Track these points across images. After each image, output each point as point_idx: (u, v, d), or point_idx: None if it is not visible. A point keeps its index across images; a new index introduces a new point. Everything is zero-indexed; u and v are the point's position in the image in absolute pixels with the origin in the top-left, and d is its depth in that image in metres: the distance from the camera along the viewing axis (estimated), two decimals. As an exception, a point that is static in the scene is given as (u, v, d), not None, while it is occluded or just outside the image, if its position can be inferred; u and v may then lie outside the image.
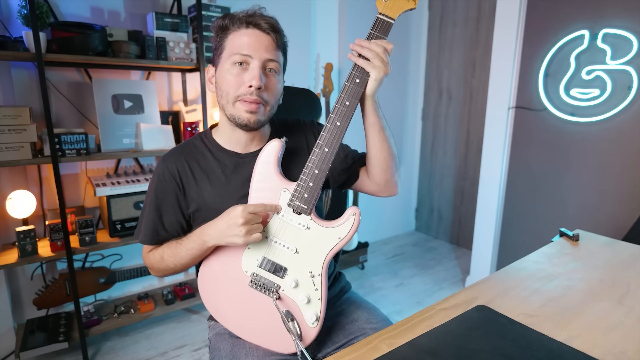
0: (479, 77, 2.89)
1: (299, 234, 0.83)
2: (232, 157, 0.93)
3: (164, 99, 2.15)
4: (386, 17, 0.81)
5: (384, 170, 0.92)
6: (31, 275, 1.89)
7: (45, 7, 1.59)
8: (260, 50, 0.84)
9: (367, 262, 2.91)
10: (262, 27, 0.84)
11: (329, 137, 0.81)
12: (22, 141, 1.56)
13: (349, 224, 0.81)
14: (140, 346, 1.93)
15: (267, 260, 0.84)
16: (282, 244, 0.83)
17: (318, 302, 0.82)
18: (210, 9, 2.00)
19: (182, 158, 0.93)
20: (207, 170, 0.92)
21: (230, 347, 0.90)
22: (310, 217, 0.82)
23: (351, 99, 0.81)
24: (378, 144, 0.88)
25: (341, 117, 0.81)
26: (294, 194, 0.82)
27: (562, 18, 2.00)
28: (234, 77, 0.85)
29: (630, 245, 1.09)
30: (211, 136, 0.97)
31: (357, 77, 0.81)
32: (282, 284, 0.83)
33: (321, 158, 0.81)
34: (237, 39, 0.85)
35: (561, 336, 0.69)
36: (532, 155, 2.21)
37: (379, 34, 0.81)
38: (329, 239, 0.82)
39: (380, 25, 0.81)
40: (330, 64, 2.60)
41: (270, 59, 0.85)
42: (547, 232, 2.18)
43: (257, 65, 0.83)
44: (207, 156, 0.94)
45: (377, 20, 0.81)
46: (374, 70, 0.80)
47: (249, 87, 0.83)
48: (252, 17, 0.85)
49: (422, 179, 3.49)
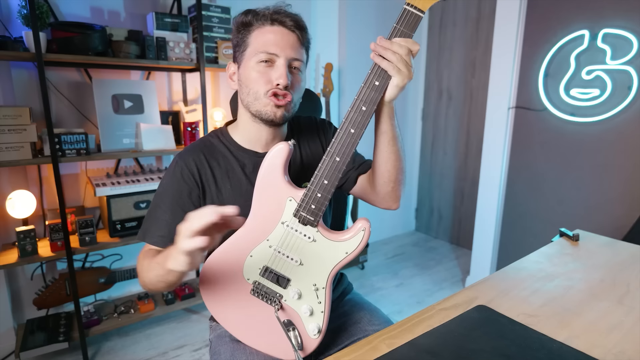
0: (479, 77, 2.89)
1: (304, 245, 0.78)
2: (252, 157, 0.91)
3: (164, 99, 2.15)
4: (415, 9, 0.70)
5: (385, 183, 0.87)
6: (31, 275, 1.89)
7: (45, 7, 1.59)
8: (286, 48, 0.81)
9: (367, 262, 2.91)
10: (287, 24, 0.82)
11: (341, 145, 0.74)
12: (22, 141, 1.56)
13: (358, 239, 0.76)
14: (140, 346, 1.92)
15: (270, 270, 0.80)
16: (286, 255, 0.79)
17: (321, 315, 0.79)
18: (210, 9, 2.00)
19: (202, 156, 0.89)
20: (227, 170, 0.89)
21: (231, 351, 0.89)
22: (317, 229, 0.77)
23: (368, 104, 0.73)
24: (385, 155, 0.83)
25: (355, 124, 0.73)
26: (301, 204, 0.76)
27: (562, 18, 2.00)
28: (260, 75, 0.82)
29: (630, 245, 1.09)
30: (228, 134, 0.93)
31: (375, 80, 0.72)
32: (284, 294, 0.80)
33: (331, 167, 0.75)
34: (261, 36, 0.82)
35: (561, 336, 0.69)
36: (532, 155, 2.21)
37: (404, 29, 0.71)
38: (336, 253, 0.77)
39: (408, 18, 0.70)
40: (330, 64, 2.60)
41: (295, 58, 0.83)
42: (547, 232, 2.18)
43: (283, 63, 0.81)
44: (227, 155, 0.91)
45: (403, 12, 0.70)
46: (398, 76, 0.71)
47: (276, 85, 0.81)
48: (277, 14, 0.82)
49: (422, 179, 3.49)
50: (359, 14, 2.77)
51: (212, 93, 2.29)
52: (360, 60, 2.87)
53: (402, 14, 0.71)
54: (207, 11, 1.99)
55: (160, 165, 2.17)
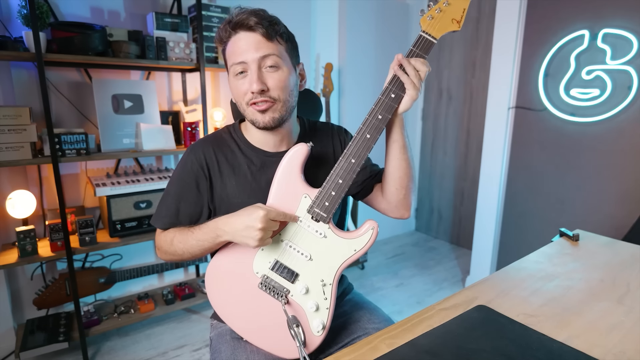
0: (479, 77, 2.89)
1: (315, 241, 0.82)
2: (260, 155, 0.92)
3: (164, 99, 2.15)
4: (429, 36, 0.80)
5: (397, 190, 0.91)
6: (31, 275, 1.89)
7: (45, 7, 1.59)
8: (251, 51, 0.81)
9: (367, 262, 2.91)
10: (248, 25, 0.80)
11: (357, 149, 0.81)
12: (22, 141, 1.56)
13: (366, 238, 0.81)
14: (140, 346, 1.92)
15: (280, 264, 0.83)
16: (297, 250, 0.83)
17: (326, 311, 0.82)
18: (210, 9, 2.00)
19: (211, 149, 0.91)
20: (233, 165, 0.91)
21: (231, 349, 0.89)
22: (328, 225, 0.82)
23: (384, 112, 0.81)
24: (396, 162, 0.88)
25: (371, 130, 0.80)
26: (315, 201, 0.82)
27: (562, 18, 2.00)
28: (239, 87, 0.84)
29: (630, 245, 1.09)
30: (240, 132, 0.95)
31: (392, 92, 0.81)
32: (292, 289, 0.83)
33: (346, 168, 0.81)
34: (230, 48, 0.84)
35: (561, 336, 0.69)
36: (532, 155, 2.21)
37: (420, 52, 0.81)
38: (345, 250, 0.81)
39: (423, 43, 0.81)
40: (330, 64, 2.60)
41: (264, 56, 0.81)
42: (547, 232, 2.18)
43: (254, 68, 0.81)
44: (235, 151, 0.93)
45: (419, 38, 0.81)
46: (414, 90, 0.80)
47: (251, 93, 0.82)
48: (236, 17, 0.81)
49: (422, 179, 3.49)
50: (359, 14, 2.77)
51: (212, 93, 2.29)
52: (360, 60, 2.87)
53: (418, 40, 0.81)
54: (207, 11, 1.99)
55: (160, 165, 2.17)
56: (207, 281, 0.89)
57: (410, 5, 3.08)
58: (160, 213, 0.93)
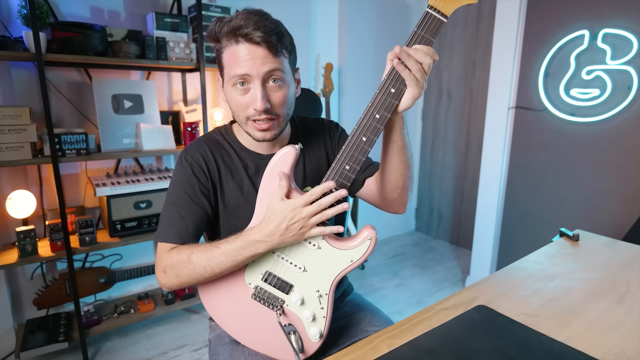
0: (479, 77, 2.89)
1: (309, 252, 0.76)
2: (254, 158, 0.89)
3: (164, 99, 2.15)
4: (438, 13, 0.66)
5: (392, 190, 0.85)
6: (31, 275, 1.89)
7: (45, 7, 1.59)
8: (257, 65, 0.75)
9: (367, 262, 2.91)
10: (253, 38, 0.74)
11: (352, 153, 0.71)
12: (22, 141, 1.56)
13: (364, 248, 0.74)
14: (140, 346, 1.92)
15: (273, 275, 0.78)
16: (290, 261, 0.77)
17: (323, 320, 0.79)
18: (210, 9, 2.00)
19: (208, 151, 0.87)
20: (231, 168, 0.88)
21: (230, 352, 0.89)
22: (322, 236, 0.75)
23: (382, 111, 0.70)
24: (394, 163, 0.81)
25: (368, 131, 0.70)
26: None
27: (562, 18, 2.00)
28: (238, 99, 0.79)
29: (630, 245, 1.09)
30: (232, 133, 0.92)
31: (391, 86, 0.69)
32: (286, 299, 0.79)
33: (340, 175, 0.73)
34: (230, 56, 0.77)
35: (561, 336, 0.69)
36: (532, 155, 2.21)
37: (426, 34, 0.67)
38: (341, 261, 0.76)
39: (430, 23, 0.66)
40: (330, 64, 2.60)
41: (270, 71, 0.76)
42: (547, 232, 2.18)
43: (258, 84, 0.76)
44: (231, 153, 0.89)
45: (425, 16, 0.66)
46: (417, 87, 0.68)
47: (254, 109, 0.78)
48: (241, 28, 0.74)
49: (422, 179, 3.48)
50: (359, 14, 2.77)
51: (212, 93, 2.29)
52: (360, 60, 2.87)
53: (424, 18, 0.66)
54: (207, 11, 1.99)
55: (160, 165, 2.17)
56: (201, 290, 0.86)
57: (410, 5, 3.08)
58: (167, 226, 0.83)
